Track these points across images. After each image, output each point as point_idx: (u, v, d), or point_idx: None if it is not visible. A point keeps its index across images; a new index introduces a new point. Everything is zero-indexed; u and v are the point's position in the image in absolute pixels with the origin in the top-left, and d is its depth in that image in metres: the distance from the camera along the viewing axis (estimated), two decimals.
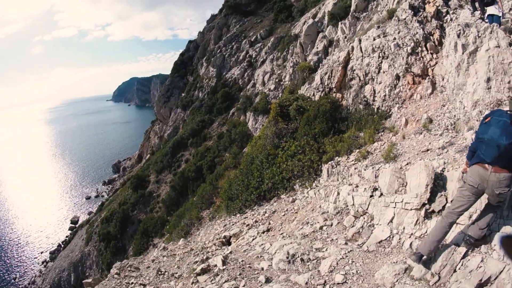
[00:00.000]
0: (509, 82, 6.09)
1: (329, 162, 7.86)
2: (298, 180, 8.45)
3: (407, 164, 5.50)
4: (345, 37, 16.71)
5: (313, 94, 12.14)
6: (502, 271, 3.08)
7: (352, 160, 7.44)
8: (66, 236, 42.46)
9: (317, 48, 20.14)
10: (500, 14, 6.86)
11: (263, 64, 32.09)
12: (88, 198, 55.27)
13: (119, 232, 30.96)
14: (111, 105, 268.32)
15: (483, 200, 3.47)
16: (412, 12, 9.41)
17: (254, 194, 9.01)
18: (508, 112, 3.13)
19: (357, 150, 7.74)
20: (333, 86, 11.22)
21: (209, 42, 50.99)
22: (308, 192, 7.70)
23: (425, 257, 3.49)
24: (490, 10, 6.79)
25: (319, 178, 8.12)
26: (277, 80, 26.46)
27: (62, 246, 39.78)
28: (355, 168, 6.97)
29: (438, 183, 4.42)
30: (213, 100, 37.70)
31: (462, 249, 3.51)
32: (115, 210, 34.24)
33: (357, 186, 6.10)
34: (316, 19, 23.68)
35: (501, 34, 6.59)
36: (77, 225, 44.17)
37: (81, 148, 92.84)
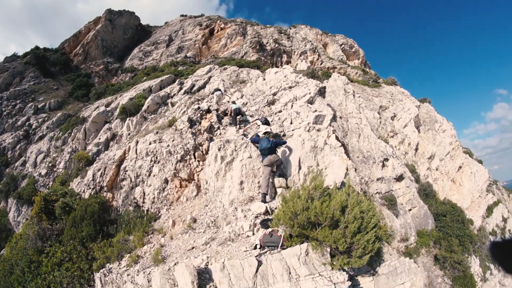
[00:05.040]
0: (258, 182, 8.25)
1: (101, 270, 7.19)
2: None
3: (175, 264, 5.93)
4: (129, 134, 17.00)
5: (84, 191, 11.09)
6: None
7: (124, 266, 7.14)
8: None
9: (100, 139, 18.80)
10: (269, 130, 9.47)
11: (41, 140, 25.61)
12: None
13: None
14: None
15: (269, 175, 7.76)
16: (189, 124, 11.13)
17: None
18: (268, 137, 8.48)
19: (128, 255, 7.55)
20: (105, 184, 10.82)
21: None
22: None
23: (267, 195, 7.62)
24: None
25: None
26: (51, 164, 21.87)
27: None
28: (128, 275, 6.69)
29: (205, 276, 5.01)
30: None
31: None
32: None
33: None
34: (108, 108, 22.48)
35: (254, 147, 8.97)
36: None
37: None
